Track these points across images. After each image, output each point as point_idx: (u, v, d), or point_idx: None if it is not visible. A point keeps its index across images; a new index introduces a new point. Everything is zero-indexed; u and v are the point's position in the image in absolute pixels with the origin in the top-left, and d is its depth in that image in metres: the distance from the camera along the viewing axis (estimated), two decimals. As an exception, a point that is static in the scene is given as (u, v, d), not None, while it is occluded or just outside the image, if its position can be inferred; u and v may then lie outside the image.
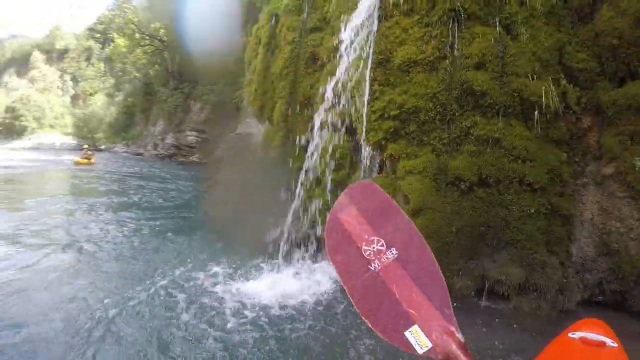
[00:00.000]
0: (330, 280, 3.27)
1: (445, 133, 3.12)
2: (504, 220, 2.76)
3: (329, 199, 3.92)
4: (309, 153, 4.22)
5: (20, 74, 50.82)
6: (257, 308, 2.69)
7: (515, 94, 2.95)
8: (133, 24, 25.02)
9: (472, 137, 3.00)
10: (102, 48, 49.05)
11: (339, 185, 3.97)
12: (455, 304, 2.18)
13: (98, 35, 49.74)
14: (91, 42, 52.04)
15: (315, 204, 4.01)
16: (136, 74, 30.73)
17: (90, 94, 47.66)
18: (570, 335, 1.27)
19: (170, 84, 23.16)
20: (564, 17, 3.24)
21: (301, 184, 4.21)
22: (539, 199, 2.79)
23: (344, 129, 4.15)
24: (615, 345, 1.27)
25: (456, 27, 3.29)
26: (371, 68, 3.69)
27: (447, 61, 3.23)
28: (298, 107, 5.05)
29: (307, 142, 4.52)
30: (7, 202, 6.93)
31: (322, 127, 4.37)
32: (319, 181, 4.16)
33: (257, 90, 6.34)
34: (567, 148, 3.03)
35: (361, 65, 3.89)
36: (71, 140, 37.93)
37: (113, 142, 32.79)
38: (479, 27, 3.26)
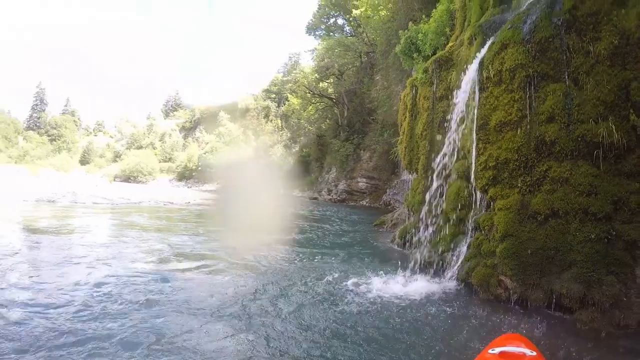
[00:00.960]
0: (441, 288, 4.95)
1: (528, 177, 4.52)
2: (569, 244, 3.99)
3: (452, 231, 5.60)
4: (429, 195, 6.02)
5: (208, 130, 66.49)
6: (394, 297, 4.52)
7: (579, 139, 4.21)
8: (304, 85, 30.57)
9: (548, 179, 4.34)
10: (278, 106, 59.54)
11: (461, 221, 5.58)
12: (537, 317, 3.73)
13: (273, 95, 60.18)
14: (268, 102, 63.29)
15: (443, 235, 5.73)
16: (310, 128, 36.69)
17: (270, 146, 58.32)
18: (490, 352, 1.53)
19: (341, 136, 27.46)
20: (628, 54, 4.26)
21: (432, 221, 6.01)
22: (602, 226, 3.92)
23: (463, 177, 5.78)
24: (535, 353, 1.58)
25: (532, 89, 4.72)
26: (476, 130, 5.32)
27: (527, 119, 4.67)
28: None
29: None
30: (195, 231, 10.09)
31: (447, 176, 6.11)
32: (447, 218, 5.84)
33: (406, 148, 8.39)
34: (643, 178, 4.04)
35: (469, 127, 5.56)
36: None
37: (290, 188, 39.52)
38: (551, 85, 4.58)
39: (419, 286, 5.02)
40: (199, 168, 54.06)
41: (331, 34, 33.44)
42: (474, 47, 6.20)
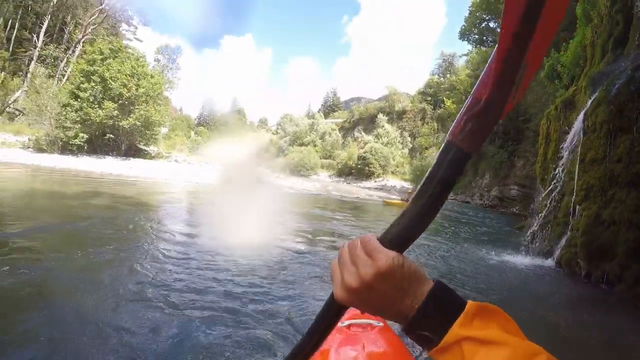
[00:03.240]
0: (537, 265, 7.84)
1: (603, 198, 7.20)
2: (619, 242, 6.61)
3: (559, 231, 8.39)
4: (548, 205, 8.84)
5: (366, 130, 71.70)
6: (503, 261, 7.63)
7: (634, 175, 6.76)
8: (459, 90, 32.98)
9: (614, 200, 6.99)
10: (434, 108, 61.91)
11: (565, 225, 8.32)
12: (594, 286, 6.88)
13: (429, 98, 62.56)
14: (424, 104, 65.90)
15: (554, 233, 8.56)
16: (465, 132, 38.71)
17: (426, 148, 61.20)
18: (339, 324, 1.71)
19: (496, 142, 29.22)
20: None
21: (549, 224, 8.85)
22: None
23: (570, 194, 8.48)
24: (381, 324, 1.89)
25: (612, 138, 7.34)
26: (578, 162, 8.05)
27: (606, 159, 7.33)
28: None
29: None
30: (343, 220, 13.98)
31: (562, 192, 8.86)
32: (557, 222, 8.62)
33: (540, 167, 11.10)
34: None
35: (575, 160, 8.27)
36: (408, 185, 50.42)
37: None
38: (624, 135, 7.14)
39: (531, 262, 8.12)
40: (359, 166, 59.79)
41: (484, 37, 35.09)
42: (586, 96, 8.81)
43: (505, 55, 0.49)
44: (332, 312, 0.65)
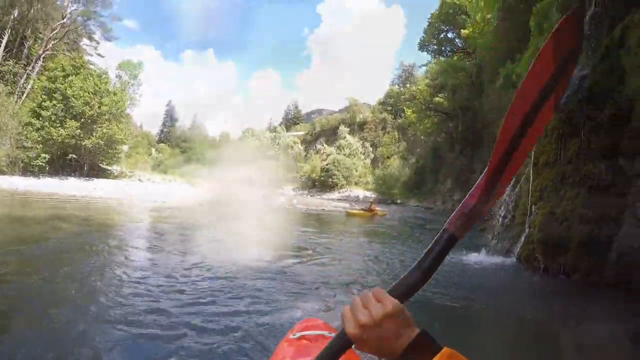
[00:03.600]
0: (499, 263, 8.40)
1: (556, 197, 7.84)
2: (571, 237, 7.26)
3: (519, 230, 9.01)
4: (506, 206, 9.46)
5: (328, 142, 72.46)
6: (467, 261, 8.13)
7: (583, 175, 7.45)
8: (419, 100, 34.15)
9: (565, 198, 7.65)
10: (394, 118, 63.51)
11: (523, 223, 8.95)
12: (551, 277, 7.48)
13: (390, 108, 64.09)
14: (385, 114, 67.41)
15: (514, 232, 9.17)
16: (426, 140, 40.00)
17: (387, 157, 62.60)
18: (291, 336, 1.74)
19: (456, 148, 30.40)
20: (620, 119, 7.44)
21: (508, 223, 9.47)
22: (590, 227, 7.01)
23: (526, 195, 9.13)
24: (333, 335, 2.15)
25: (562, 143, 8.01)
26: (532, 166, 8.70)
27: (558, 162, 7.98)
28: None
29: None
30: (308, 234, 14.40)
31: (518, 194, 9.50)
32: (516, 222, 9.24)
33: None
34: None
35: (529, 163, 8.94)
36: (371, 195, 51.32)
37: (407, 198, 43.03)
38: (573, 139, 7.85)
39: (492, 259, 8.67)
40: (322, 178, 60.16)
41: (442, 48, 36.68)
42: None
43: (487, 181, 0.83)
44: (341, 347, 0.78)
